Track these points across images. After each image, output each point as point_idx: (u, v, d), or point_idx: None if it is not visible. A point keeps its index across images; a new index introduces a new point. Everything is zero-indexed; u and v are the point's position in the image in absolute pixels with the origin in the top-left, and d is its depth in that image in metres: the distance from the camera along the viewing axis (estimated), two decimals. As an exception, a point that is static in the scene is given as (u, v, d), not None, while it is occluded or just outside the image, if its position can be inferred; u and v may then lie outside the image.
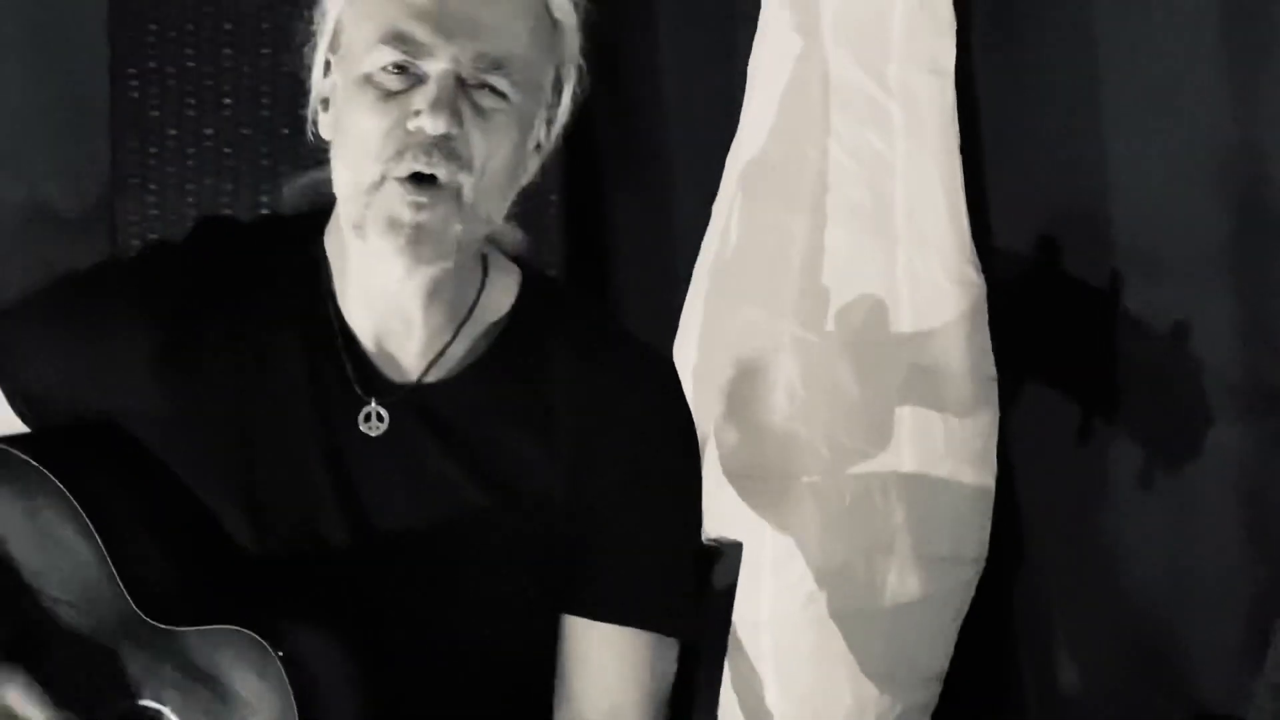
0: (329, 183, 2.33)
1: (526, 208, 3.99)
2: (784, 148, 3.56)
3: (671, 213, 3.97)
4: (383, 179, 2.18)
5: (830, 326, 3.54)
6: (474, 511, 2.36)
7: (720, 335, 3.63)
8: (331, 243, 2.37)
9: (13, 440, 2.46)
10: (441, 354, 2.33)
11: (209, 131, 3.87)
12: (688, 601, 2.47)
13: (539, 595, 2.39)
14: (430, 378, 2.36)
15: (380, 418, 2.33)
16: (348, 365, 2.33)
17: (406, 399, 2.36)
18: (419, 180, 2.19)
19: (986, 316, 3.58)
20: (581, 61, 2.34)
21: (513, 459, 2.35)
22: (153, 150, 3.93)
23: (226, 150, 3.91)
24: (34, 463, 2.42)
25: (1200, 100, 3.40)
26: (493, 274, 2.39)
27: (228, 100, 3.83)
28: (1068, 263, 3.62)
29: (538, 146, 2.33)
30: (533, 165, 2.33)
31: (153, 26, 3.29)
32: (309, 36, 2.32)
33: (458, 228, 2.23)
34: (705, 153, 3.76)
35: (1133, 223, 3.52)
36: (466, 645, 2.38)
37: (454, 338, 2.34)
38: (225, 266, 2.45)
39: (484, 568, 2.37)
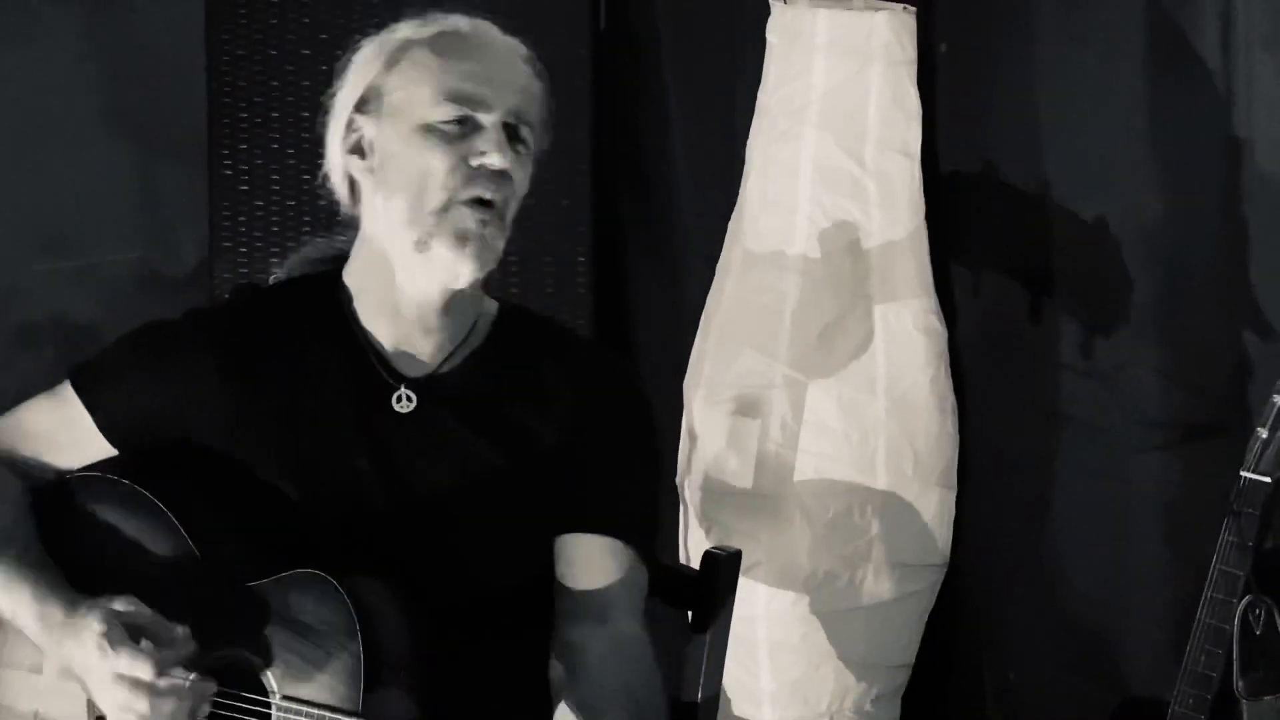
0: (333, 250, 2.61)
1: (562, 271, 4.11)
2: (776, 218, 3.61)
3: (681, 274, 4.01)
4: (449, 203, 2.39)
5: (816, 369, 3.58)
6: (487, 467, 2.54)
7: (723, 376, 3.69)
8: (350, 278, 2.56)
9: (105, 464, 2.60)
10: (453, 352, 2.53)
11: (290, 203, 3.96)
12: (648, 524, 2.66)
13: (536, 528, 2.56)
14: (445, 368, 2.54)
15: (410, 398, 2.50)
16: (376, 365, 2.52)
17: (429, 383, 2.53)
18: (480, 203, 2.40)
19: (948, 359, 3.65)
20: (545, 117, 2.53)
21: (513, 426, 2.55)
22: (242, 220, 4.01)
23: (305, 219, 4.00)
24: (131, 483, 2.58)
25: (1129, 179, 3.44)
26: (485, 301, 2.58)
27: (305, 177, 3.88)
28: (1014, 309, 3.67)
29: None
30: None
31: (243, 115, 3.40)
32: (327, 107, 2.49)
33: (500, 239, 2.44)
34: (710, 223, 3.81)
35: (1071, 279, 3.56)
36: (482, 572, 2.54)
37: (464, 340, 2.54)
38: (260, 308, 2.65)
39: (496, 510, 2.54)
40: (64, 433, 2.62)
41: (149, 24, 5.04)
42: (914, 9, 3.59)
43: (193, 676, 2.44)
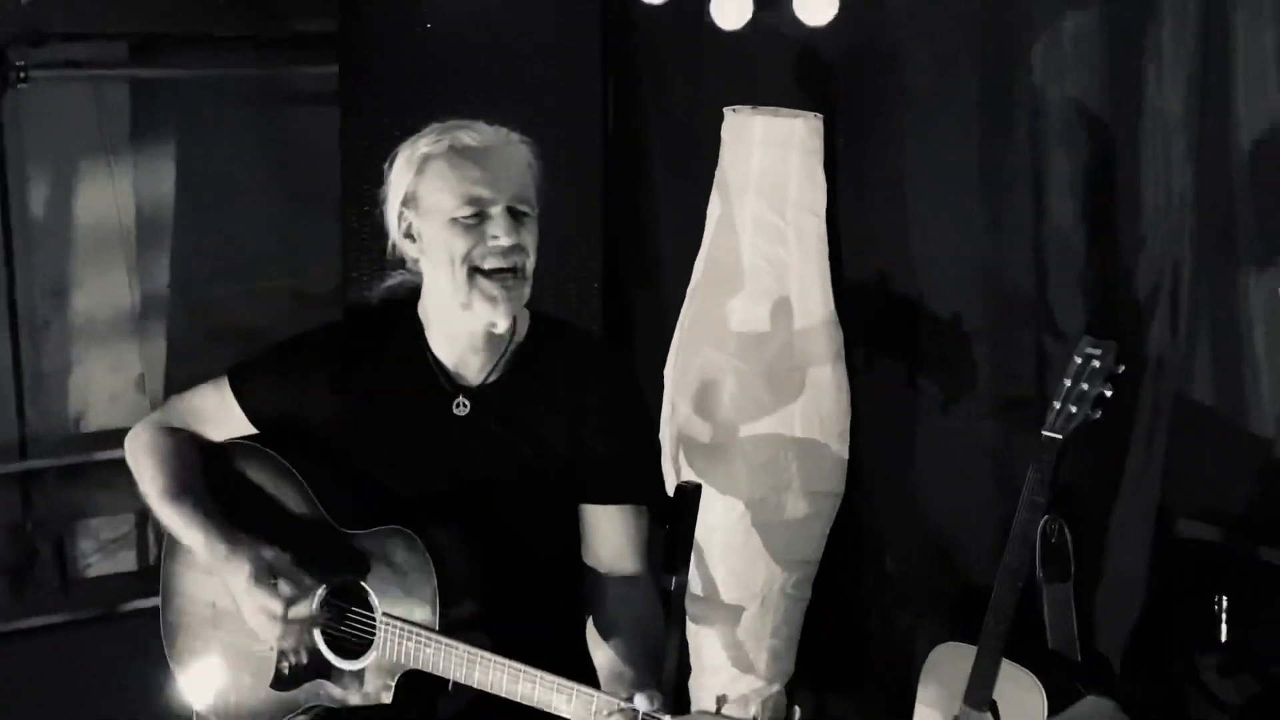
0: (409, 281, 2.57)
1: (584, 295, 4.11)
2: (727, 255, 3.61)
3: (665, 295, 4.01)
4: (474, 273, 2.39)
5: (753, 360, 3.58)
6: (522, 455, 2.53)
7: (690, 364, 3.69)
8: (422, 312, 2.54)
9: (248, 438, 2.64)
10: (495, 365, 2.51)
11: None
12: (651, 487, 2.66)
13: (562, 499, 2.54)
14: (489, 379, 2.52)
15: (464, 405, 2.50)
16: (440, 378, 2.50)
17: (478, 392, 2.52)
18: (500, 271, 2.40)
19: (844, 353, 3.64)
20: (543, 184, 2.51)
21: (541, 423, 2.53)
22: (363, 258, 4.03)
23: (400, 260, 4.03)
24: (271, 451, 2.62)
25: (968, 228, 3.45)
26: (520, 317, 2.54)
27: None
28: (885, 321, 3.67)
29: None
30: None
31: (366, 186, 3.45)
32: (384, 199, 2.49)
33: (524, 290, 2.44)
34: (683, 261, 3.82)
35: (929, 301, 3.56)
36: (523, 532, 2.53)
37: (504, 353, 2.52)
38: (365, 331, 2.61)
39: (531, 487, 2.53)
40: (220, 414, 2.64)
41: (299, 120, 5.08)
42: (821, 116, 3.57)
43: (312, 610, 2.49)
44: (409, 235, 2.49)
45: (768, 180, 3.56)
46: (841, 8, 3.34)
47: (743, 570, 3.64)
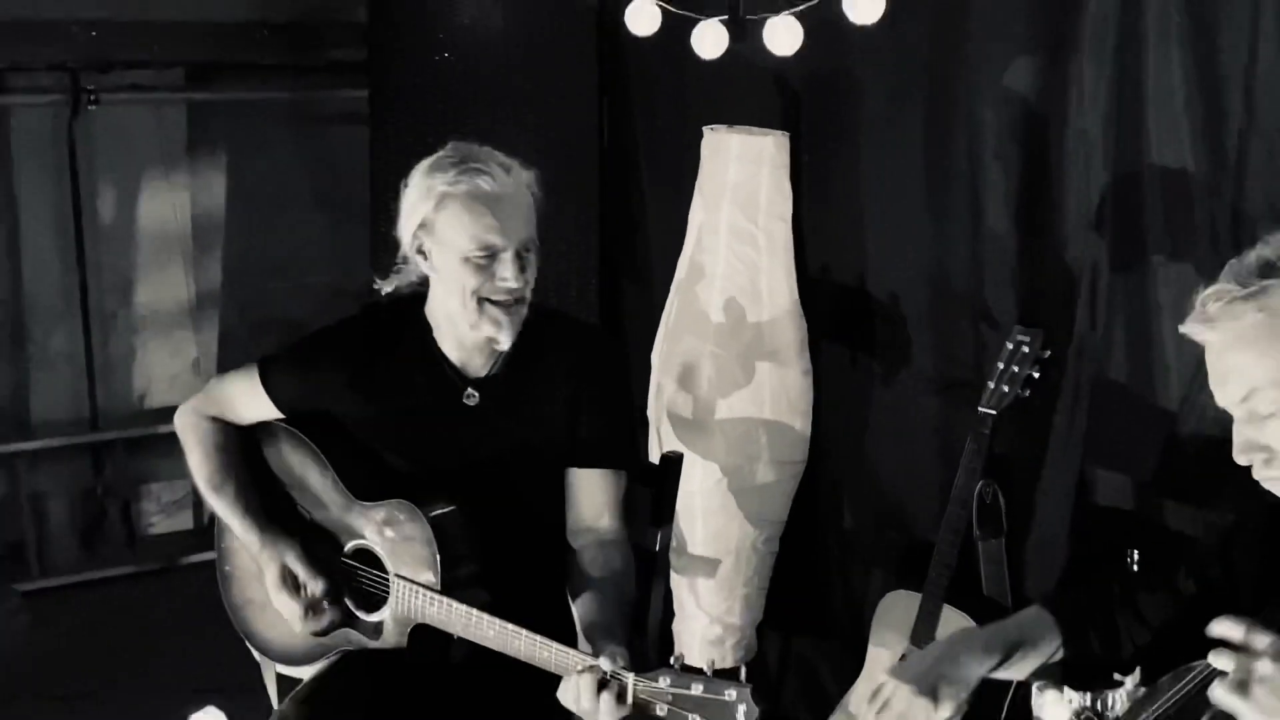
0: (415, 280, 2.53)
1: (581, 287, 4.11)
2: (706, 255, 3.59)
3: (653, 290, 3.98)
4: (483, 302, 2.36)
5: (729, 347, 3.56)
6: (521, 436, 2.52)
7: (674, 350, 3.67)
8: (429, 314, 2.51)
9: (280, 422, 2.63)
10: (496, 362, 2.49)
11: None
12: (629, 453, 2.64)
13: (555, 471, 2.53)
14: (492, 372, 2.50)
15: (472, 396, 2.49)
16: (449, 373, 2.48)
17: (484, 384, 2.49)
18: (505, 302, 2.39)
19: (808, 341, 3.62)
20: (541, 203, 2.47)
21: (540, 406, 2.52)
22: (395, 259, 4.03)
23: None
24: (298, 433, 2.61)
25: (915, 231, 3.43)
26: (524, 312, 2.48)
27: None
28: (843, 313, 3.65)
29: None
30: None
31: (391, 196, 3.44)
32: (399, 213, 2.46)
33: (524, 310, 2.41)
34: (668, 261, 3.80)
35: (881, 294, 3.54)
36: (521, 503, 2.53)
37: (501, 354, 2.50)
38: (378, 329, 2.57)
39: (530, 464, 2.52)
40: (250, 401, 2.61)
41: (334, 137, 5.09)
42: (788, 134, 3.56)
43: (325, 606, 2.52)
44: (420, 252, 2.46)
45: (742, 190, 3.54)
46: (806, 40, 3.31)
47: (720, 529, 3.63)
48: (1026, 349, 2.94)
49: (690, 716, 2.06)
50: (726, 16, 3.41)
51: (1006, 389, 2.94)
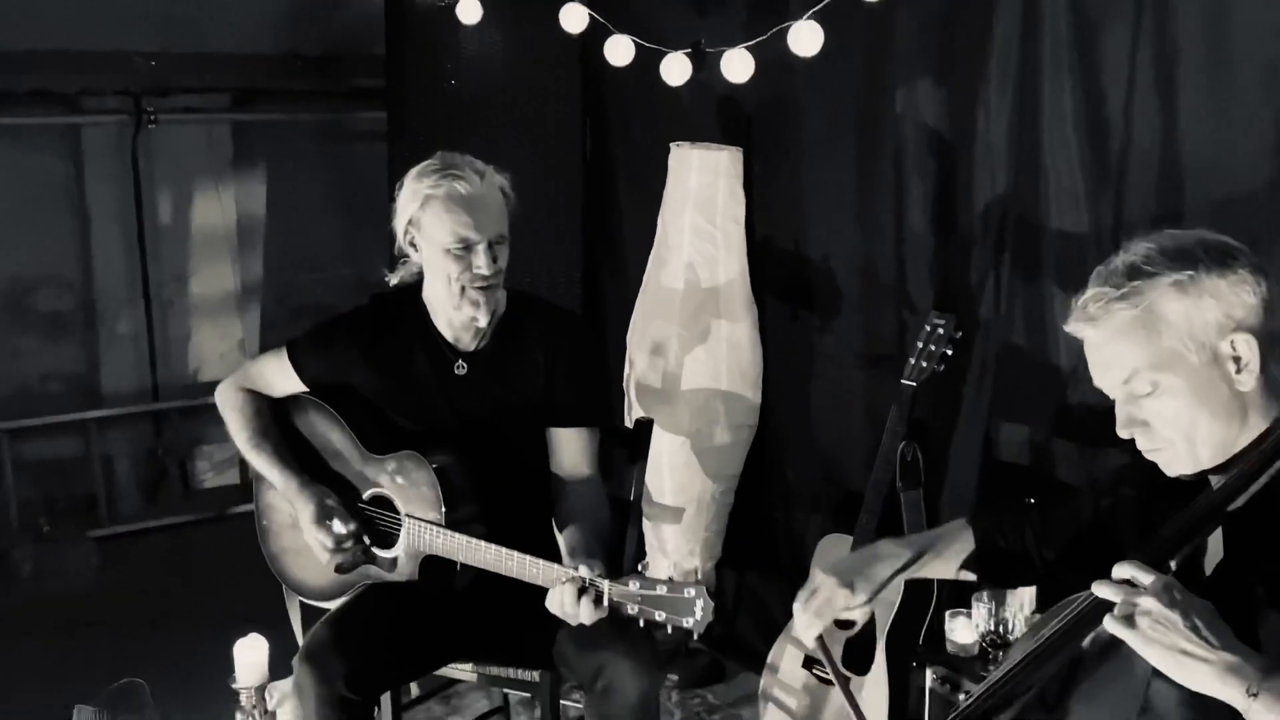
0: (416, 271, 2.50)
1: (568, 280, 4.08)
2: (673, 252, 3.57)
3: (629, 280, 3.94)
4: (464, 289, 2.36)
5: (692, 329, 3.54)
6: (505, 400, 2.50)
7: (646, 332, 3.65)
8: (425, 298, 2.49)
9: (306, 393, 2.61)
10: (484, 336, 2.48)
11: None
12: (602, 413, 2.63)
13: (536, 427, 2.52)
14: (480, 346, 2.49)
15: (462, 367, 2.48)
16: (444, 348, 2.47)
17: (472, 356, 2.48)
18: (481, 287, 2.37)
19: (759, 323, 3.60)
20: (514, 204, 2.46)
21: (521, 373, 2.50)
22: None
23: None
24: (321, 402, 2.59)
25: (848, 230, 3.42)
26: (501, 295, 2.49)
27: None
28: (788, 299, 3.63)
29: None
30: None
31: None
32: (394, 212, 2.45)
33: (499, 293, 2.40)
34: (640, 257, 3.77)
35: (820, 283, 3.53)
36: (513, 454, 2.52)
37: (488, 330, 2.48)
38: (383, 315, 2.55)
39: (515, 424, 2.50)
40: (280, 376, 2.60)
41: (357, 152, 5.08)
42: (741, 149, 3.54)
43: (355, 539, 2.50)
44: (412, 244, 2.48)
45: (702, 196, 3.53)
46: (757, 69, 3.31)
47: (684, 482, 3.62)
48: (942, 330, 2.92)
49: (657, 612, 2.09)
50: (690, 50, 3.41)
51: (925, 364, 2.93)
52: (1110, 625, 1.47)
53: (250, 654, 2.85)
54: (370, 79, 4.66)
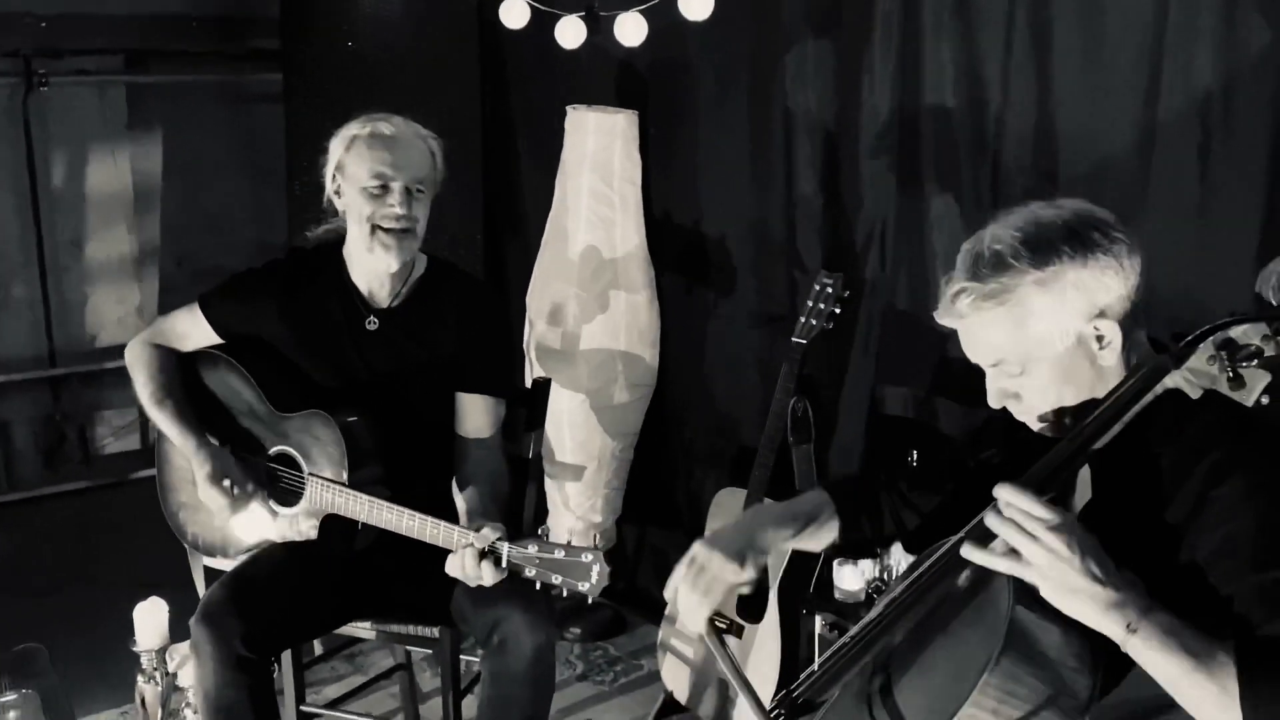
0: (339, 229, 2.51)
1: (468, 241, 4.09)
2: (570, 214, 3.60)
3: (529, 242, 3.95)
4: (375, 229, 2.38)
5: (590, 290, 3.57)
6: (417, 359, 2.52)
7: (545, 293, 3.68)
8: (345, 252, 2.51)
9: (214, 348, 2.62)
10: (399, 293, 2.49)
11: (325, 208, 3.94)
12: (508, 383, 2.64)
13: (443, 389, 2.54)
14: (394, 304, 2.50)
15: (374, 321, 2.50)
16: (357, 302, 2.48)
17: (385, 313, 2.50)
18: (393, 230, 2.40)
19: (655, 283, 3.64)
20: (442, 173, 2.50)
21: (432, 334, 2.52)
22: (304, 215, 3.90)
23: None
24: (228, 357, 2.59)
25: (741, 192, 3.46)
26: (418, 257, 2.52)
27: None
28: (684, 260, 3.68)
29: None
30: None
31: (305, 162, 3.39)
32: (323, 164, 2.47)
33: (414, 243, 2.41)
34: (539, 219, 3.79)
35: (713, 244, 3.57)
36: (419, 415, 2.54)
37: (405, 284, 2.51)
38: (301, 267, 2.57)
39: (421, 384, 2.52)
40: (192, 330, 2.60)
41: (254, 115, 5.02)
42: (637, 112, 3.57)
43: (250, 496, 2.51)
44: (338, 193, 2.50)
45: (599, 159, 3.55)
46: (650, 33, 3.33)
47: (584, 440, 3.66)
48: (830, 290, 2.96)
49: (554, 576, 2.15)
50: (584, 13, 3.42)
51: (814, 322, 2.97)
52: (992, 562, 1.50)
53: (150, 617, 2.84)
54: (267, 40, 4.60)
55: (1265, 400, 1.49)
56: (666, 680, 3.24)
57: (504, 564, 2.20)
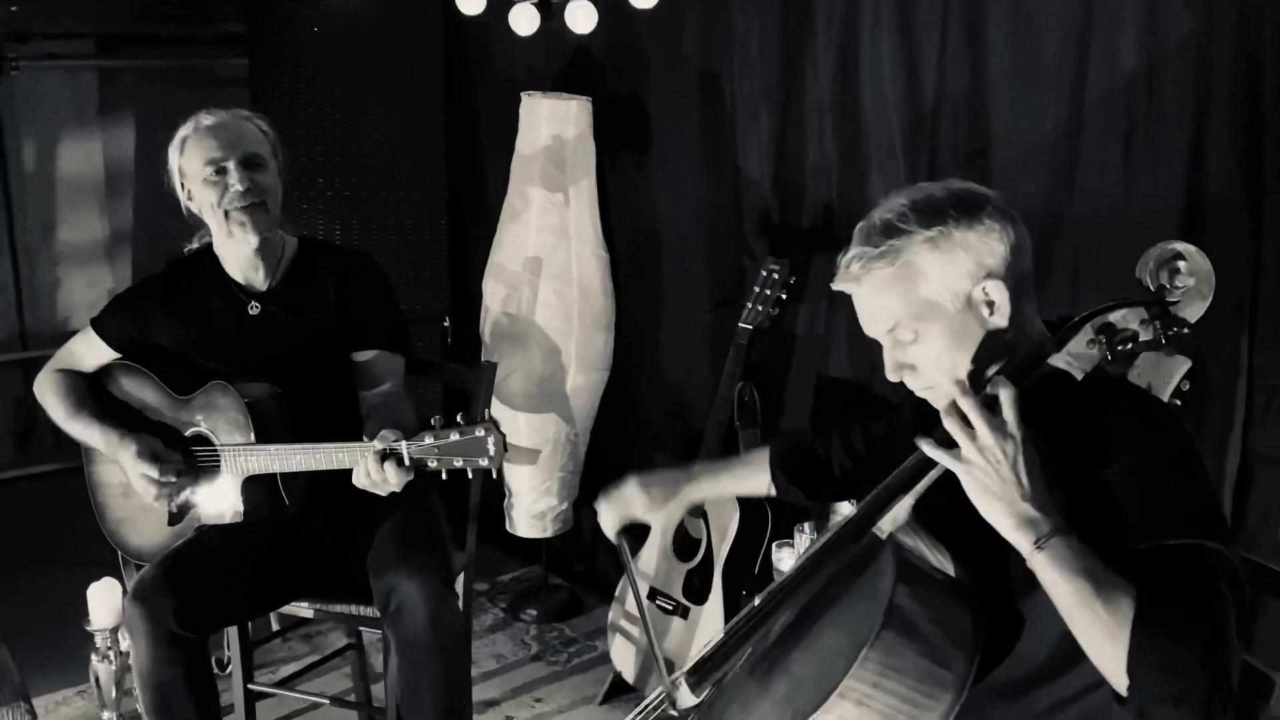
0: (207, 235, 2.58)
1: (432, 227, 4.10)
2: (524, 200, 3.62)
3: (492, 227, 3.89)
4: (227, 213, 2.45)
5: (544, 274, 3.59)
6: (305, 333, 2.58)
7: (499, 277, 3.70)
8: (216, 248, 2.58)
9: (113, 361, 2.67)
10: (275, 274, 2.55)
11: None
12: (402, 336, 2.67)
13: (336, 356, 2.59)
14: (271, 285, 2.57)
15: (255, 307, 2.56)
16: (236, 292, 2.54)
17: (264, 296, 2.57)
18: (242, 208, 2.45)
19: (610, 270, 3.67)
20: (281, 151, 2.54)
21: (314, 308, 2.58)
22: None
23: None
24: (130, 363, 2.66)
25: (691, 179, 3.48)
26: (287, 240, 2.58)
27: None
28: (637, 245, 3.71)
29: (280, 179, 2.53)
30: (281, 189, 2.54)
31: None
32: (169, 178, 2.55)
33: (267, 218, 2.47)
34: (497, 204, 3.78)
35: (665, 230, 3.60)
36: (318, 385, 2.58)
37: (279, 265, 2.57)
38: (180, 274, 2.63)
39: (313, 354, 2.57)
40: (90, 352, 2.68)
41: (222, 98, 4.90)
42: (590, 99, 3.59)
43: (178, 472, 2.56)
44: (190, 198, 2.57)
45: (553, 145, 3.57)
46: (601, 20, 3.36)
47: (539, 424, 3.68)
48: (777, 276, 3.01)
49: (455, 459, 2.19)
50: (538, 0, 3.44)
51: (760, 308, 3.02)
52: (935, 454, 1.56)
53: (104, 597, 2.91)
54: (235, 24, 4.62)
55: (1186, 387, 1.59)
56: (615, 661, 3.29)
57: (406, 461, 2.23)
